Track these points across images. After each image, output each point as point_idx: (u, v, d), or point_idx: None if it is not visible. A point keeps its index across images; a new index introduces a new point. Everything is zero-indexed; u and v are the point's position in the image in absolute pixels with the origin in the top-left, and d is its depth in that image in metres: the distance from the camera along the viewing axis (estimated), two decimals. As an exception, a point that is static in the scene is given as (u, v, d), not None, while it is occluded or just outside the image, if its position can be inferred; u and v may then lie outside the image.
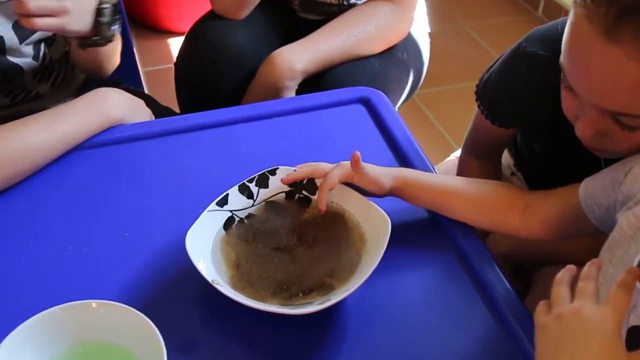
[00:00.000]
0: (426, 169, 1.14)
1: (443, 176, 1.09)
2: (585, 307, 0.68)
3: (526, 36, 1.12)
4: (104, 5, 1.20)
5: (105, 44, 1.25)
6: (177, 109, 1.65)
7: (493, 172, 1.34)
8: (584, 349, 0.66)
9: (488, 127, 1.22)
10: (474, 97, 1.22)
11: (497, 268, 0.97)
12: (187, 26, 2.87)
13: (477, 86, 1.23)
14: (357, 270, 0.92)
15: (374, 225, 0.97)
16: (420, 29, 1.75)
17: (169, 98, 1.63)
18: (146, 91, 2.68)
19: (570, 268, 0.74)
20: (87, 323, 0.82)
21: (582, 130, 0.89)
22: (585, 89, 0.85)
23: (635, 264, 0.77)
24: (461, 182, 1.07)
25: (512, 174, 1.40)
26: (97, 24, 1.21)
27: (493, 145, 1.30)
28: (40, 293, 0.93)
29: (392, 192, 1.04)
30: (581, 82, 0.85)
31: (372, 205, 0.98)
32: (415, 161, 1.16)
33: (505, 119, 1.19)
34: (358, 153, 0.98)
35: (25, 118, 1.15)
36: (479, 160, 1.32)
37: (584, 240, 1.03)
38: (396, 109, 1.66)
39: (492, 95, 1.20)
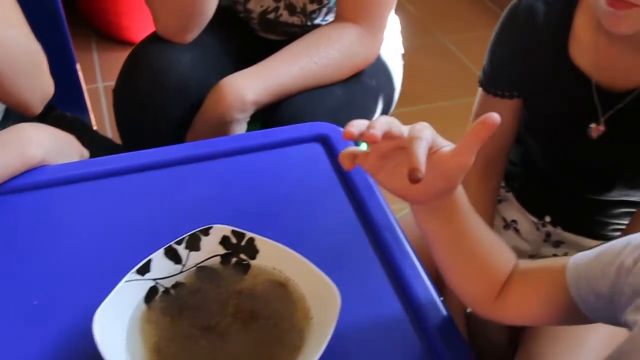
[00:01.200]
0: (386, 221, 0.99)
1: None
2: None
3: None
4: None
5: None
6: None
7: (493, 193, 1.27)
8: None
9: (493, 111, 1.13)
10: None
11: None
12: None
13: (480, 74, 1.22)
14: (299, 358, 0.78)
15: (322, 300, 0.82)
16: (392, 51, 1.61)
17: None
18: (104, 107, 2.54)
19: None
20: None
21: None
22: None
23: None
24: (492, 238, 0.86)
25: (500, 200, 1.32)
26: None
27: (498, 143, 1.21)
28: None
29: (453, 198, 0.80)
30: None
31: (320, 274, 0.83)
32: (375, 211, 1.01)
33: (510, 78, 1.16)
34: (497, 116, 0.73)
35: None
36: (480, 177, 1.23)
37: None
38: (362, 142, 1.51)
39: (491, 60, 1.19)
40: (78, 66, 1.71)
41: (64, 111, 1.43)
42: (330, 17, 1.57)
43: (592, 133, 1.08)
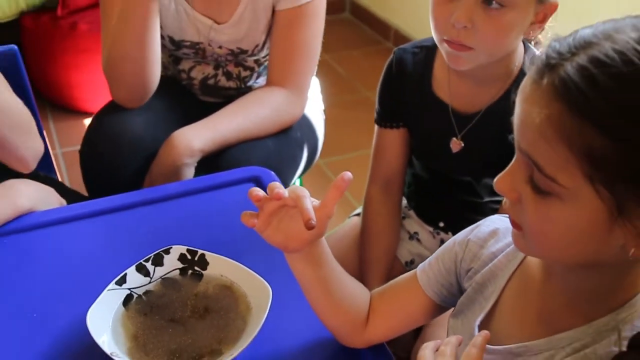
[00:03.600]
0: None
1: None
2: None
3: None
4: None
5: None
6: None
7: (395, 207, 1.56)
8: None
9: (385, 140, 1.51)
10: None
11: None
12: (100, 106, 3.00)
13: (375, 115, 1.54)
14: (243, 337, 1.04)
15: (258, 295, 1.09)
16: (314, 108, 1.91)
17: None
18: (64, 171, 2.79)
19: (437, 342, 0.86)
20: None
21: (460, 15, 1.19)
22: None
23: (478, 322, 0.92)
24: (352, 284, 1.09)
25: (404, 217, 1.62)
26: None
27: (392, 165, 1.53)
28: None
29: (321, 245, 1.00)
30: None
31: (256, 276, 1.10)
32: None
33: (394, 113, 1.48)
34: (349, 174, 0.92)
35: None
36: (382, 192, 1.54)
37: None
38: (293, 182, 1.80)
39: (380, 102, 1.50)
40: (44, 132, 1.96)
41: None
42: (261, 80, 1.87)
43: (452, 147, 1.41)
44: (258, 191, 0.94)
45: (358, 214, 1.63)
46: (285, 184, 1.65)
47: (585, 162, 0.68)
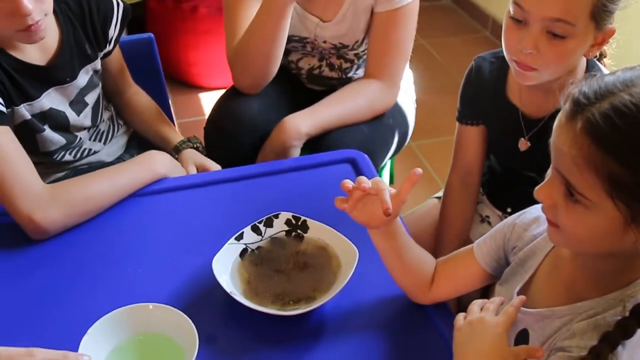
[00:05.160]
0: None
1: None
2: (487, 317, 1.08)
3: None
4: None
5: None
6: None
7: (471, 197, 1.78)
8: (483, 342, 1.06)
9: (465, 136, 1.72)
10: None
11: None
12: (215, 83, 3.35)
13: (457, 113, 1.73)
14: (333, 288, 1.31)
15: (347, 256, 1.35)
16: (407, 98, 2.14)
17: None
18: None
19: (484, 300, 1.13)
20: (145, 319, 1.21)
21: (527, 42, 1.38)
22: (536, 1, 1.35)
23: (517, 289, 1.17)
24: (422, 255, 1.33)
25: (478, 202, 1.84)
26: None
27: (471, 158, 1.73)
28: (113, 298, 1.30)
29: (396, 224, 1.26)
30: None
31: (347, 241, 1.36)
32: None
33: (473, 112, 1.68)
34: (420, 170, 1.19)
35: (93, 172, 1.55)
36: (461, 182, 1.76)
37: None
38: (383, 163, 2.05)
39: (461, 102, 1.71)
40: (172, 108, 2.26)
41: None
42: (360, 71, 2.11)
43: (520, 146, 1.61)
44: (349, 183, 1.23)
45: (438, 197, 1.86)
46: (377, 165, 1.90)
47: (607, 184, 0.92)
